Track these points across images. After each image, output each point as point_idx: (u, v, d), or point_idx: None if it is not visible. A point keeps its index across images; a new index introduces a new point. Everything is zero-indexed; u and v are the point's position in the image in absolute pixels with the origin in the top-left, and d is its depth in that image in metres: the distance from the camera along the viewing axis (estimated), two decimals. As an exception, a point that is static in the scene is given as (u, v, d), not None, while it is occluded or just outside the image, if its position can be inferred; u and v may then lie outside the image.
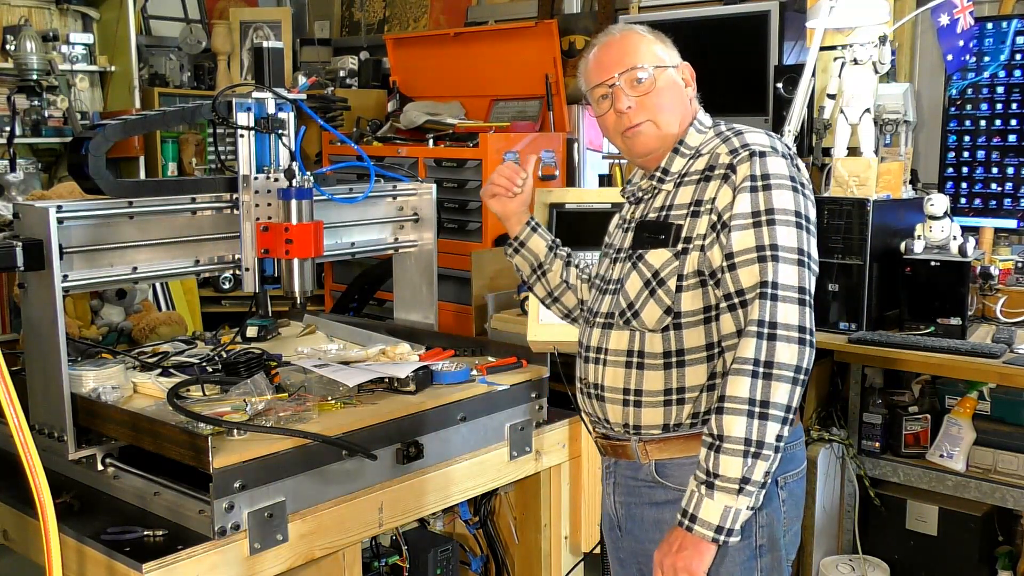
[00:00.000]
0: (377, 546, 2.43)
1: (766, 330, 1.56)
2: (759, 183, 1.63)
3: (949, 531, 2.90)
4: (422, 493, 2.11)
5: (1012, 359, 2.61)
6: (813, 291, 1.64)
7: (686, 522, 1.59)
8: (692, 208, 1.69)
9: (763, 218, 1.61)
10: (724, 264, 1.63)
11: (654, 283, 1.70)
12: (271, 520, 1.80)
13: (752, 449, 1.54)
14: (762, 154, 1.65)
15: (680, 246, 1.69)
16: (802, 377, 1.57)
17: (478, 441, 2.23)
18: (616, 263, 1.81)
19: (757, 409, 1.54)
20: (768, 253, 1.59)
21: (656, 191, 1.78)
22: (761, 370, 1.55)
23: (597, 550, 2.43)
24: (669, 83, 1.76)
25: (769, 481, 1.59)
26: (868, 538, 3.04)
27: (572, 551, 2.56)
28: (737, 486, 1.55)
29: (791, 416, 1.58)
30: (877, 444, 2.91)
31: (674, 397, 1.70)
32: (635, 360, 1.72)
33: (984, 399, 2.88)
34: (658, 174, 1.78)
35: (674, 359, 1.69)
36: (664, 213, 1.74)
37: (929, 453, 2.85)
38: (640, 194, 1.83)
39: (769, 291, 1.58)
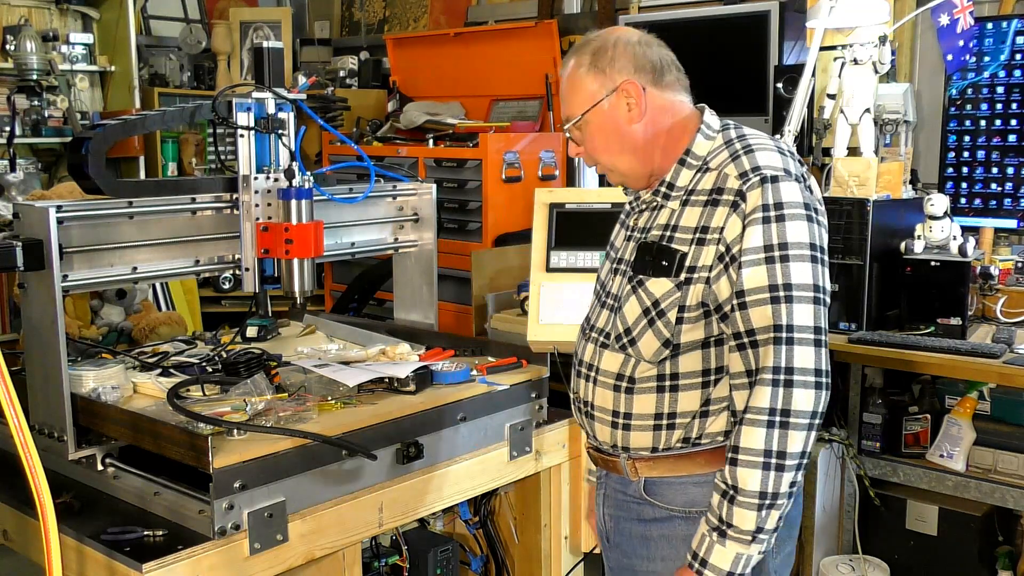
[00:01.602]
0: (377, 546, 2.42)
1: (782, 376, 1.49)
2: (772, 213, 1.52)
3: (949, 531, 2.90)
4: (422, 493, 2.11)
5: (1012, 359, 2.61)
6: (827, 327, 1.57)
7: (696, 565, 1.56)
8: (698, 235, 1.59)
9: (776, 253, 1.51)
10: (734, 302, 1.54)
11: (653, 313, 1.62)
12: (271, 520, 1.80)
13: (767, 501, 1.50)
14: (774, 179, 1.54)
15: (683, 276, 1.59)
16: (817, 422, 1.51)
17: (478, 441, 2.23)
18: (616, 275, 1.74)
19: (774, 460, 1.49)
20: (782, 293, 1.50)
21: (660, 206, 1.68)
22: (778, 419, 1.48)
23: (597, 550, 2.43)
24: (602, 123, 1.67)
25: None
26: (868, 538, 3.04)
27: (572, 551, 2.56)
28: (751, 536, 1.52)
29: (807, 462, 1.53)
30: (877, 444, 2.91)
31: (664, 422, 1.65)
32: (624, 384, 1.67)
33: (984, 399, 2.88)
34: (663, 189, 1.68)
35: (667, 383, 1.64)
36: (668, 234, 1.63)
37: (929, 453, 2.85)
38: (642, 206, 1.73)
39: (784, 335, 1.49)
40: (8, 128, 4.25)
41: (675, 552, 1.67)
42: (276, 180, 2.27)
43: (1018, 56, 3.18)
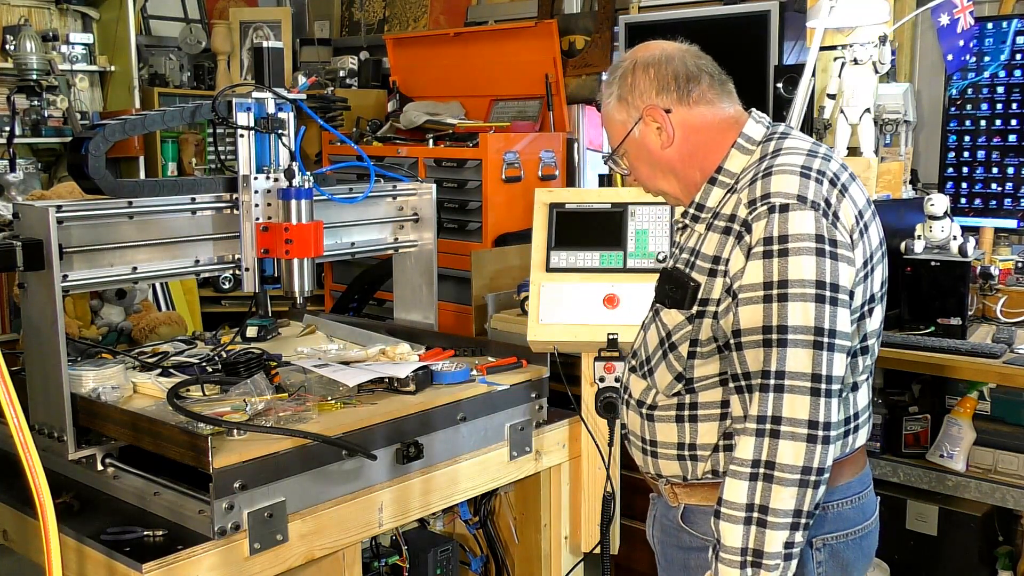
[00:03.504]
0: (377, 546, 2.42)
1: (767, 426, 1.38)
2: (774, 247, 1.40)
3: (949, 531, 2.89)
4: (422, 493, 2.11)
5: (1012, 359, 2.61)
6: (841, 373, 1.41)
7: None
8: (712, 265, 1.50)
9: (774, 292, 1.39)
10: (732, 341, 1.45)
11: (666, 344, 1.56)
12: (271, 520, 1.80)
13: (750, 559, 1.39)
14: (783, 208, 1.41)
15: (695, 309, 1.51)
16: (813, 479, 1.37)
17: (478, 441, 2.23)
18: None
19: (755, 515, 1.38)
20: (774, 336, 1.39)
21: (690, 228, 1.60)
22: (761, 471, 1.38)
23: (597, 550, 2.43)
24: (637, 151, 1.61)
25: None
26: (868, 538, 3.04)
27: (572, 551, 2.56)
28: None
29: (805, 521, 1.39)
30: (877, 444, 2.91)
31: (687, 453, 1.59)
32: (645, 411, 1.63)
33: (984, 399, 2.87)
34: (691, 211, 1.59)
35: (687, 412, 1.57)
36: (692, 260, 1.54)
37: (929, 453, 2.85)
38: (679, 223, 1.64)
39: (772, 381, 1.38)
40: (8, 128, 4.25)
41: None
42: (276, 180, 2.27)
43: (1018, 56, 3.18)
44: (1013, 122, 3.21)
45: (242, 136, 2.26)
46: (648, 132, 1.58)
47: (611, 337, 2.29)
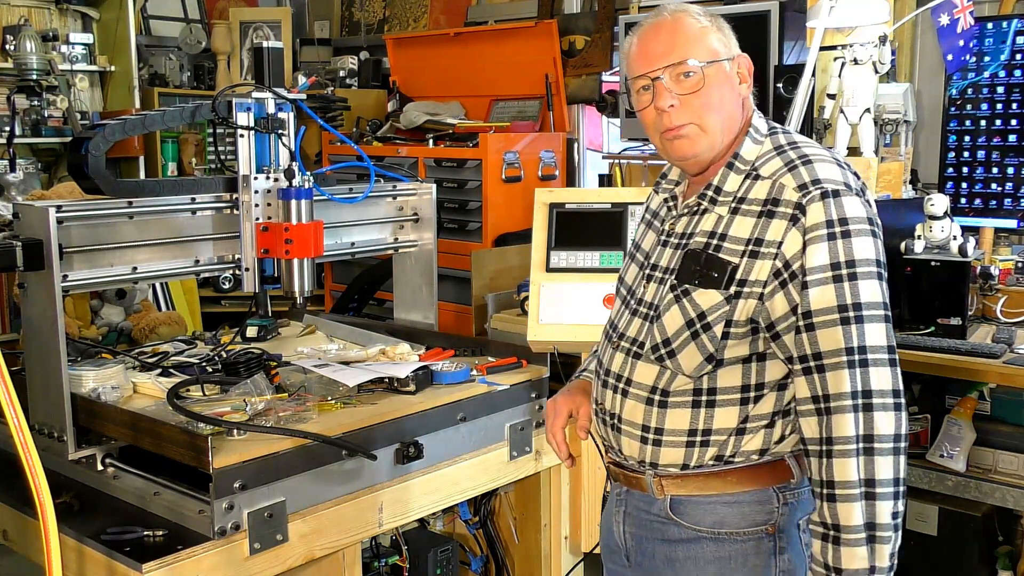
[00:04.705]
0: (377, 546, 2.42)
1: (860, 401, 1.42)
2: (837, 229, 1.44)
3: (949, 531, 2.89)
4: (422, 493, 2.11)
5: (1012, 359, 2.61)
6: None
7: None
8: (751, 247, 1.49)
9: (844, 272, 1.43)
10: (800, 323, 1.45)
11: (698, 325, 1.52)
12: (271, 520, 1.80)
13: (875, 533, 1.43)
14: (835, 193, 1.45)
15: (733, 289, 1.50)
16: (903, 445, 1.43)
17: (478, 441, 2.23)
18: (651, 282, 1.63)
19: (866, 490, 1.42)
20: (852, 314, 1.43)
21: (705, 210, 1.58)
22: (862, 446, 1.41)
23: (597, 550, 2.43)
24: (720, 80, 1.55)
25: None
26: (868, 538, 3.03)
27: (572, 551, 2.56)
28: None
29: (903, 488, 1.45)
30: (877, 444, 2.91)
31: (698, 439, 1.56)
32: (658, 398, 1.58)
33: (984, 399, 2.87)
34: (710, 193, 1.57)
35: (704, 398, 1.55)
36: (716, 243, 1.53)
37: (929, 453, 2.85)
38: (684, 210, 1.62)
39: (857, 357, 1.43)
40: (8, 128, 4.25)
41: (702, 574, 1.60)
42: (276, 180, 2.27)
43: (1018, 56, 3.18)
44: (1013, 122, 3.21)
45: (242, 136, 2.26)
46: (733, 74, 1.59)
47: (611, 337, 2.29)
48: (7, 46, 4.39)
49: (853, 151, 3.07)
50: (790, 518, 1.58)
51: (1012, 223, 3.22)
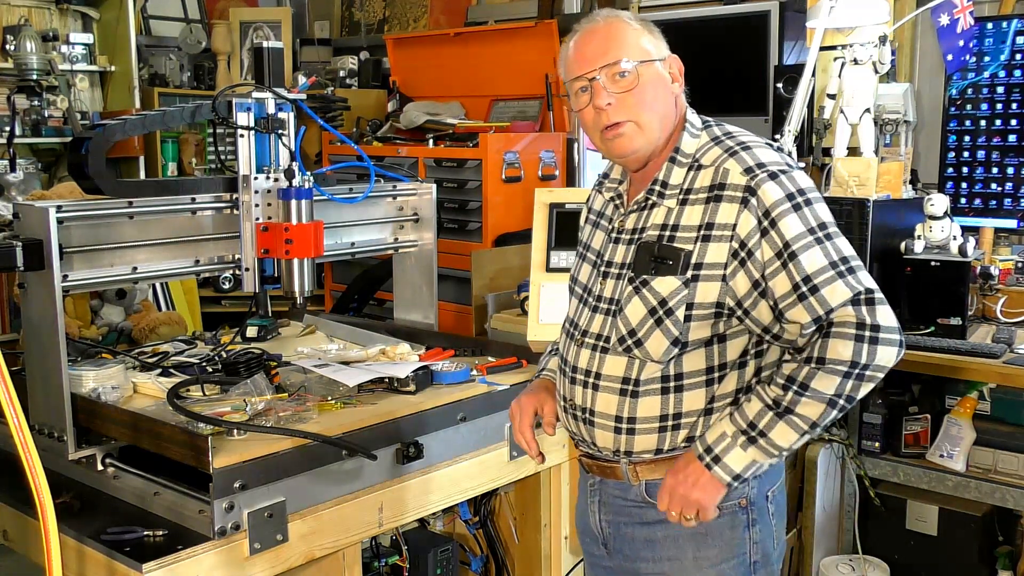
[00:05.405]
0: (377, 546, 2.43)
1: (867, 332, 1.51)
2: (799, 200, 1.55)
3: (949, 531, 2.90)
4: (422, 493, 2.11)
5: (1012, 359, 2.61)
6: None
7: (707, 459, 1.58)
8: (703, 232, 1.58)
9: (820, 234, 1.55)
10: (802, 290, 1.53)
11: (661, 312, 1.60)
12: (271, 520, 1.80)
13: (811, 430, 1.55)
14: (782, 172, 1.57)
15: (690, 273, 1.58)
16: (900, 337, 1.57)
17: (478, 441, 2.23)
18: (607, 278, 1.70)
19: (841, 402, 1.53)
20: (843, 267, 1.54)
21: (653, 204, 1.66)
22: (868, 334, 1.51)
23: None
24: (654, 79, 1.64)
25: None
26: (868, 538, 3.04)
27: (572, 551, 2.56)
28: (777, 452, 1.57)
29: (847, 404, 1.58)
30: (877, 444, 2.91)
31: (670, 424, 1.64)
32: (630, 388, 1.65)
33: (984, 399, 2.88)
34: (657, 187, 1.65)
35: (672, 383, 1.63)
36: (669, 234, 1.62)
37: (929, 453, 2.85)
38: (633, 206, 1.69)
39: (864, 297, 1.52)
40: (8, 128, 4.25)
41: (681, 551, 1.68)
42: (276, 180, 2.27)
43: (1018, 56, 3.18)
44: (1013, 122, 3.21)
45: (242, 136, 2.26)
46: (665, 73, 1.67)
47: (611, 337, 2.29)
48: (7, 46, 4.39)
49: (853, 151, 3.07)
50: (759, 490, 1.69)
51: (1012, 223, 3.22)
